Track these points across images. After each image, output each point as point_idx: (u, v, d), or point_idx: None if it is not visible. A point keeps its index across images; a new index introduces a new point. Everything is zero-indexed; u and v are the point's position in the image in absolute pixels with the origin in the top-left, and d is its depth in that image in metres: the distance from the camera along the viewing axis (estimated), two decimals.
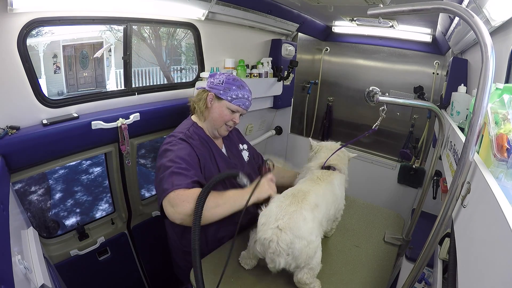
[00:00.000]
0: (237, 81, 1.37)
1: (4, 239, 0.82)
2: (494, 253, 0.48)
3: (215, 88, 1.36)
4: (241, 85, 1.37)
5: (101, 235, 1.85)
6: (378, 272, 1.25)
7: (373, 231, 1.53)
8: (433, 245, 0.82)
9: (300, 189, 1.17)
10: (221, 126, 1.38)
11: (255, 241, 1.07)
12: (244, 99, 1.37)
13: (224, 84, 1.35)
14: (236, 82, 1.36)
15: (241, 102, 1.36)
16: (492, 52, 0.60)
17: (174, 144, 1.23)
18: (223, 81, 1.35)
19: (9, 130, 1.24)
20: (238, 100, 1.35)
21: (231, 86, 1.35)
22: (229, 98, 1.34)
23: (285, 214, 1.04)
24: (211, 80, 1.39)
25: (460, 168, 0.69)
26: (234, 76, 1.40)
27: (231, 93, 1.34)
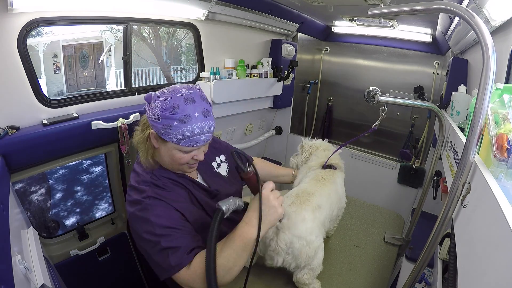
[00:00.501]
0: (178, 111, 0.91)
1: (4, 239, 0.82)
2: (494, 253, 0.48)
3: (154, 125, 0.96)
4: (184, 116, 0.92)
5: (101, 235, 1.85)
6: (378, 272, 1.25)
7: (373, 231, 1.53)
8: (434, 245, 0.82)
9: (305, 190, 1.17)
10: (181, 168, 1.05)
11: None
12: (196, 136, 0.95)
13: (162, 120, 0.92)
14: (176, 114, 0.91)
15: (192, 141, 0.95)
16: (493, 52, 0.60)
17: (145, 209, 0.96)
18: (158, 116, 0.92)
19: (9, 130, 1.24)
20: (186, 140, 0.94)
21: (170, 122, 0.92)
22: (174, 140, 0.94)
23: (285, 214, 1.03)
24: (148, 111, 0.97)
25: (461, 169, 0.69)
26: (174, 99, 0.93)
27: (174, 133, 0.93)
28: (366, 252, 1.36)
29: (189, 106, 0.93)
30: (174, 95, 0.94)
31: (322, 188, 1.22)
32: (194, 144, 0.97)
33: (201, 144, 0.99)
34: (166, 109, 0.92)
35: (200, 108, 0.95)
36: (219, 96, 2.07)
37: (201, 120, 0.95)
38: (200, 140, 0.97)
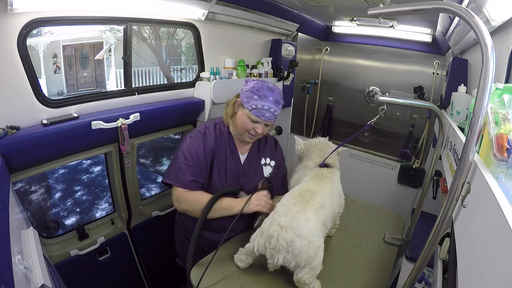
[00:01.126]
0: (261, 90, 1.31)
1: (4, 239, 0.82)
2: (494, 253, 0.48)
3: (242, 95, 1.35)
4: (263, 95, 1.30)
5: (101, 235, 1.85)
6: (378, 272, 1.25)
7: (373, 231, 1.53)
8: (433, 245, 0.82)
9: (307, 189, 1.17)
10: (244, 133, 1.38)
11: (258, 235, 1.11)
12: (264, 111, 1.31)
13: (249, 92, 1.32)
14: (259, 92, 1.31)
15: (260, 113, 1.31)
16: (492, 52, 0.60)
17: (192, 136, 1.39)
18: (249, 89, 1.33)
19: (9, 130, 1.24)
20: (257, 111, 1.31)
21: (253, 95, 1.31)
22: (249, 108, 1.31)
23: (288, 213, 1.06)
24: (243, 86, 1.39)
25: (460, 168, 0.69)
26: (262, 84, 1.34)
27: (252, 103, 1.31)
28: (366, 252, 1.36)
29: (269, 92, 1.33)
30: (264, 83, 1.36)
31: (324, 186, 1.22)
32: (259, 116, 1.31)
33: (264, 118, 1.32)
34: (255, 87, 1.33)
35: (274, 96, 1.33)
36: (219, 96, 2.07)
37: (271, 102, 1.32)
38: (264, 115, 1.32)
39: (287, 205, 1.09)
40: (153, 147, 6.31)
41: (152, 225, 2.15)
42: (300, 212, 1.06)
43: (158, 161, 6.22)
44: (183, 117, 2.08)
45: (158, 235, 2.21)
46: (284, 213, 1.06)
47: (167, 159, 6.19)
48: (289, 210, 1.06)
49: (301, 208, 1.07)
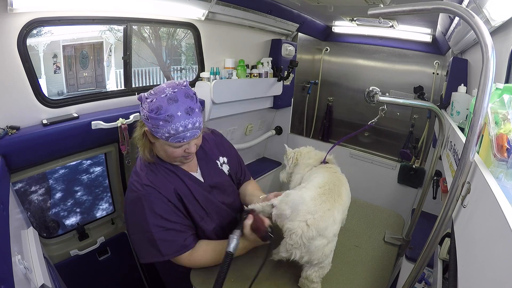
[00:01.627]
0: (162, 111, 0.98)
1: (4, 239, 0.82)
2: (494, 253, 0.48)
3: (146, 124, 1.05)
4: (169, 116, 0.98)
5: (101, 235, 1.85)
6: (378, 272, 1.25)
7: (373, 231, 1.53)
8: (433, 245, 0.82)
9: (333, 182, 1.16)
10: (178, 160, 1.14)
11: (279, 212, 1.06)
12: (182, 133, 1.01)
13: (150, 120, 1.00)
14: (160, 114, 0.98)
15: (179, 137, 1.02)
16: (492, 52, 0.60)
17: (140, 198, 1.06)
18: (147, 116, 1.01)
19: (9, 130, 1.24)
20: (173, 137, 1.01)
21: (157, 122, 0.99)
22: (163, 137, 1.02)
23: (317, 210, 1.02)
24: (140, 111, 1.07)
25: (461, 169, 0.69)
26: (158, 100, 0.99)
27: (161, 131, 1.01)
28: (366, 252, 1.36)
29: (172, 106, 0.99)
30: (159, 96, 1.00)
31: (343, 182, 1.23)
32: (181, 141, 1.04)
33: (187, 140, 1.05)
34: (152, 110, 0.99)
35: (183, 106, 1.01)
36: (219, 96, 2.07)
37: (184, 118, 1.00)
38: (185, 137, 1.03)
39: (317, 201, 1.04)
40: None
41: None
42: (329, 212, 1.03)
43: None
44: None
45: None
46: (314, 210, 1.01)
47: None
48: (319, 208, 1.02)
49: (330, 207, 1.05)
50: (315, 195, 1.07)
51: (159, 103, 0.99)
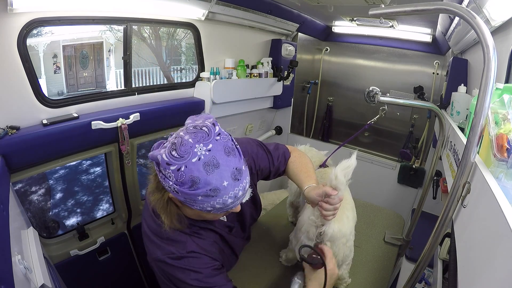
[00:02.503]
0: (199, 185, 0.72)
1: (4, 239, 0.82)
2: (494, 253, 0.48)
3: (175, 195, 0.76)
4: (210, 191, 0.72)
5: (101, 235, 1.85)
6: (378, 272, 1.25)
7: (373, 231, 1.53)
8: (434, 245, 0.82)
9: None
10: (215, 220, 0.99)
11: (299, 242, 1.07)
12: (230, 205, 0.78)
13: (182, 194, 0.74)
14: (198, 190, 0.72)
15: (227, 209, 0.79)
16: (494, 52, 0.60)
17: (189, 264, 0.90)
18: (176, 190, 0.74)
19: (9, 130, 1.24)
20: (217, 210, 0.78)
21: (193, 197, 0.74)
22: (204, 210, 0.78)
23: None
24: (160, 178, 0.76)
25: (461, 169, 0.69)
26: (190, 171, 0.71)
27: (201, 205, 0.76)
28: (366, 252, 1.36)
29: (213, 175, 0.71)
30: (189, 161, 0.70)
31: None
32: (229, 210, 0.82)
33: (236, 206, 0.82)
34: (183, 183, 0.71)
35: (228, 171, 0.73)
36: (219, 96, 2.07)
37: (232, 187, 0.75)
38: (235, 206, 0.81)
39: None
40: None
41: None
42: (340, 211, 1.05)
43: None
44: (183, 117, 2.05)
45: None
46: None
47: None
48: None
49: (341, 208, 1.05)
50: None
51: (192, 173, 0.70)
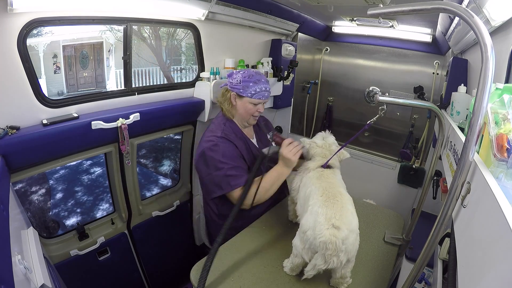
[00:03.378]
0: (253, 77, 1.51)
1: (4, 239, 0.82)
2: (494, 253, 0.48)
3: (235, 88, 1.52)
4: (257, 80, 1.51)
5: (101, 235, 1.85)
6: (378, 272, 1.25)
7: (373, 231, 1.53)
8: (433, 245, 0.82)
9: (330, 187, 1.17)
10: (249, 118, 1.58)
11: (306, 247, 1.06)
12: (263, 92, 1.53)
13: (242, 83, 1.50)
14: (252, 78, 1.51)
15: (261, 95, 1.53)
16: (492, 52, 0.60)
17: (217, 143, 1.46)
18: (240, 80, 1.51)
19: (9, 130, 1.24)
20: (257, 94, 1.51)
21: (248, 84, 1.50)
22: (249, 95, 1.50)
23: (335, 211, 1.03)
24: (230, 80, 1.55)
25: (460, 168, 0.69)
26: (249, 71, 1.54)
27: (250, 90, 1.50)
28: (366, 252, 1.36)
29: (258, 75, 1.54)
30: (249, 70, 1.56)
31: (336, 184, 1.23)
32: (261, 98, 1.52)
33: (264, 98, 1.54)
34: (245, 76, 1.51)
35: (264, 78, 1.56)
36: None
37: (265, 83, 1.54)
38: (264, 96, 1.53)
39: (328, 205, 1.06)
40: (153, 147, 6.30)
41: (152, 225, 2.15)
42: (344, 208, 1.05)
43: (159, 161, 6.22)
44: (183, 117, 2.08)
45: (158, 235, 2.21)
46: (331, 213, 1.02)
47: (167, 160, 6.18)
48: (334, 210, 1.04)
49: (343, 205, 1.07)
50: (322, 203, 1.08)
51: (250, 73, 1.53)
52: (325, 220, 1.01)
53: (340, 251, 0.99)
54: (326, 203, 1.08)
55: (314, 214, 1.06)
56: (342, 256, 1.01)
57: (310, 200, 1.15)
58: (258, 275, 1.16)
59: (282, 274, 1.17)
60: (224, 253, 1.26)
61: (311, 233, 1.03)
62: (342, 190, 1.18)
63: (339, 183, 1.27)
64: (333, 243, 0.97)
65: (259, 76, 1.53)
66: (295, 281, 1.14)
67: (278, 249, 1.31)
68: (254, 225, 1.50)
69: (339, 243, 0.98)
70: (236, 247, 1.31)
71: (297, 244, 1.11)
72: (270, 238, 1.41)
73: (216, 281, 1.11)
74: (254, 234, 1.42)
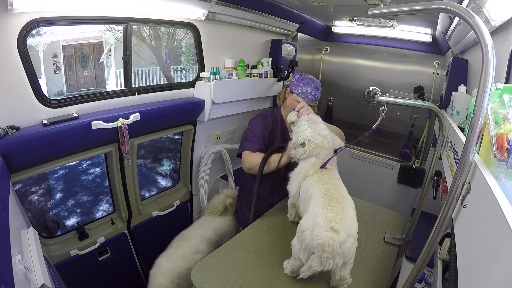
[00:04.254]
0: (305, 79, 1.76)
1: (4, 239, 0.82)
2: (494, 253, 0.48)
3: (291, 84, 1.78)
4: (307, 83, 1.74)
5: (101, 235, 1.85)
6: (378, 272, 1.25)
7: (373, 231, 1.53)
8: (433, 245, 0.82)
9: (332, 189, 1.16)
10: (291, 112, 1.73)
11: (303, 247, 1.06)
12: (307, 93, 1.73)
13: (296, 82, 1.76)
14: (304, 80, 1.76)
15: (305, 95, 1.73)
16: (492, 52, 0.60)
17: (257, 117, 1.83)
18: (296, 80, 1.77)
19: (9, 130, 1.24)
20: (302, 94, 1.73)
21: (299, 83, 1.74)
22: (297, 92, 1.73)
23: (336, 214, 1.02)
24: (291, 79, 1.83)
25: (461, 169, 0.69)
26: (306, 76, 1.78)
27: (299, 88, 1.74)
28: (366, 252, 1.36)
29: (311, 81, 1.77)
30: (306, 75, 1.81)
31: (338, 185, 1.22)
32: (304, 97, 1.72)
33: (307, 99, 1.73)
34: (300, 77, 1.78)
35: (315, 84, 1.77)
36: (219, 96, 2.07)
37: (312, 88, 1.75)
38: (307, 97, 1.73)
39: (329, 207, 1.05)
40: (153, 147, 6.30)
41: (152, 225, 2.15)
42: (345, 212, 1.05)
43: (159, 161, 6.21)
44: (183, 117, 2.08)
45: (158, 235, 2.21)
46: (331, 215, 1.02)
47: (167, 160, 6.18)
48: (335, 213, 1.03)
49: (344, 208, 1.06)
50: (323, 205, 1.07)
51: (305, 77, 1.78)
52: (325, 222, 1.01)
53: (336, 254, 0.98)
54: (327, 204, 1.07)
55: (314, 215, 1.06)
56: (338, 259, 1.01)
57: (312, 200, 1.15)
58: (258, 275, 1.16)
59: (282, 274, 1.17)
60: (224, 253, 1.26)
61: (309, 234, 1.02)
62: (344, 193, 1.17)
63: (342, 185, 1.25)
64: (331, 246, 0.97)
65: (311, 81, 1.76)
66: (295, 281, 1.14)
67: (278, 249, 1.30)
68: (254, 225, 1.50)
69: (336, 246, 0.97)
70: (236, 247, 1.31)
71: (295, 244, 1.11)
72: (270, 238, 1.40)
73: (216, 281, 1.11)
74: (254, 234, 1.42)
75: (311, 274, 1.05)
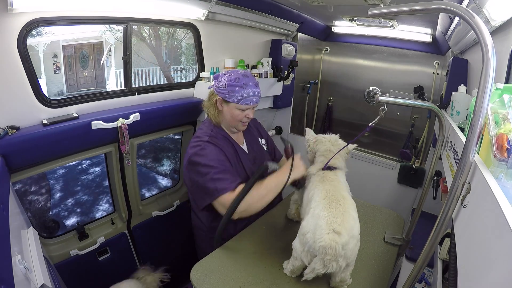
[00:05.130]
0: (239, 81, 1.37)
1: (4, 239, 0.82)
2: (494, 253, 0.48)
3: (221, 92, 1.40)
4: (243, 84, 1.37)
5: (101, 235, 1.85)
6: (378, 272, 1.25)
7: (373, 231, 1.53)
8: (433, 245, 0.82)
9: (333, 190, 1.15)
10: (237, 124, 1.47)
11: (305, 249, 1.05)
12: (251, 97, 1.40)
13: (228, 88, 1.37)
14: (238, 82, 1.37)
15: (248, 100, 1.40)
16: (492, 52, 0.60)
17: (203, 148, 1.36)
18: (226, 85, 1.37)
19: (9, 130, 1.24)
20: (244, 99, 1.39)
21: (234, 88, 1.36)
22: (235, 100, 1.38)
23: (337, 216, 1.02)
24: (216, 84, 1.42)
25: (461, 169, 0.69)
26: (235, 74, 1.39)
27: (236, 95, 1.37)
28: (366, 252, 1.35)
29: (246, 78, 1.39)
30: (235, 72, 1.42)
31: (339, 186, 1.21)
32: (248, 103, 1.40)
33: (252, 104, 1.42)
34: (231, 80, 1.37)
35: (252, 81, 1.42)
36: None
37: (253, 87, 1.40)
38: (252, 101, 1.41)
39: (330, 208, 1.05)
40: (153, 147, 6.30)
41: (152, 225, 2.15)
42: (347, 213, 1.04)
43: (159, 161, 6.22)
44: (183, 117, 2.08)
45: (158, 235, 2.21)
46: (333, 217, 1.01)
47: (167, 160, 6.18)
48: (336, 214, 1.02)
49: (345, 209, 1.05)
50: (324, 207, 1.07)
51: (236, 76, 1.38)
52: (326, 224, 1.00)
53: (339, 256, 0.98)
54: (328, 206, 1.06)
55: (316, 217, 1.05)
56: (341, 261, 1.00)
57: (312, 202, 1.14)
58: (258, 275, 1.16)
59: (282, 275, 1.17)
60: (224, 253, 1.26)
61: (310, 236, 1.02)
62: (345, 194, 1.16)
63: (343, 186, 1.24)
64: (333, 248, 0.96)
65: (247, 79, 1.38)
66: (295, 281, 1.14)
67: (278, 249, 1.30)
68: (254, 225, 1.50)
69: (339, 248, 0.96)
70: (236, 247, 1.31)
71: (296, 246, 1.10)
72: (270, 238, 1.40)
73: (216, 281, 1.11)
74: (254, 234, 1.42)
75: (315, 276, 1.05)
